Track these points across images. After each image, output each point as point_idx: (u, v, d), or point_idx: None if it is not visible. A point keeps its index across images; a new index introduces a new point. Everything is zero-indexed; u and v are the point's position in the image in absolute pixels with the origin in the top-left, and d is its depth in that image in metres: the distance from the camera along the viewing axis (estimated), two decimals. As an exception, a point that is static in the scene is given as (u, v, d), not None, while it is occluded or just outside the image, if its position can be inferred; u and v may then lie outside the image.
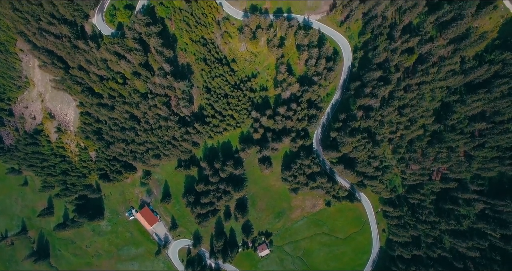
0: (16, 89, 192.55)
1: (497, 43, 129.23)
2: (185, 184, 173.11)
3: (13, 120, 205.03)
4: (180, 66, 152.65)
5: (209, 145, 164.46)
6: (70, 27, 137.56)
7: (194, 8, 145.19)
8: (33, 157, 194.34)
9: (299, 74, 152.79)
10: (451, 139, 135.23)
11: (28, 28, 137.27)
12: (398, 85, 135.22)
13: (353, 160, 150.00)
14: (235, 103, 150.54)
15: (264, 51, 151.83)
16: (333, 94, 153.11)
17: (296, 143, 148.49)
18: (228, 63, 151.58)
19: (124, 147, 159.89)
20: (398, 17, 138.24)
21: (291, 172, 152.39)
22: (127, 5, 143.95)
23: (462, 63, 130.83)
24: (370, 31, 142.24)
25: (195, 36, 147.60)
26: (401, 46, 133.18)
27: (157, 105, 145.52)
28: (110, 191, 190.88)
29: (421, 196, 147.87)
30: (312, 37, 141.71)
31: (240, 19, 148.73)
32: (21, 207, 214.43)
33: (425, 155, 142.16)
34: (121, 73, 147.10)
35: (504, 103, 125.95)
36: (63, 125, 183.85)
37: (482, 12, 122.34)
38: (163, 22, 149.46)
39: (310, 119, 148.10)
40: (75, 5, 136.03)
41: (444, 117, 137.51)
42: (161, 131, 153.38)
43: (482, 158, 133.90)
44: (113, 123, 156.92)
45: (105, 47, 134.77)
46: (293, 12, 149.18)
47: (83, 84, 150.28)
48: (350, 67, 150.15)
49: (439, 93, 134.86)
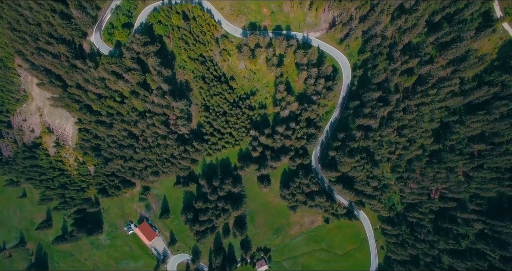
0: (15, 102, 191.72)
1: (496, 64, 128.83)
2: (184, 200, 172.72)
3: (12, 132, 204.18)
4: (179, 84, 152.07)
5: (208, 161, 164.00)
6: (68, 47, 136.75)
7: (192, 26, 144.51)
8: (32, 170, 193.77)
9: (298, 91, 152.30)
10: (450, 159, 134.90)
11: (26, 48, 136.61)
12: (397, 106, 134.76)
13: (352, 179, 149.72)
14: (233, 121, 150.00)
15: (263, 68, 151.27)
16: (332, 112, 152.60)
17: (295, 161, 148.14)
18: (227, 81, 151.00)
19: (123, 163, 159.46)
20: (398, 36, 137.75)
21: (289, 190, 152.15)
22: (125, 24, 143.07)
23: (461, 84, 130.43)
24: (369, 49, 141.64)
25: (194, 54, 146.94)
26: (401, 67, 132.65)
27: (155, 124, 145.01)
28: (109, 205, 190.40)
29: (419, 214, 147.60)
30: (311, 56, 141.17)
31: (239, 36, 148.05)
32: (19, 218, 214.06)
33: (424, 174, 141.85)
34: (119, 92, 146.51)
35: (503, 126, 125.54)
36: (62, 140, 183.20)
37: (481, 35, 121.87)
38: (161, 40, 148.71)
39: (309, 138, 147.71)
40: (73, 25, 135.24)
41: (443, 138, 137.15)
42: (160, 149, 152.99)
43: (481, 179, 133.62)
44: (111, 140, 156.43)
45: (103, 67, 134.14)
46: (292, 30, 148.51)
47: (81, 102, 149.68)
48: (350, 85, 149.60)
49: (438, 114, 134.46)
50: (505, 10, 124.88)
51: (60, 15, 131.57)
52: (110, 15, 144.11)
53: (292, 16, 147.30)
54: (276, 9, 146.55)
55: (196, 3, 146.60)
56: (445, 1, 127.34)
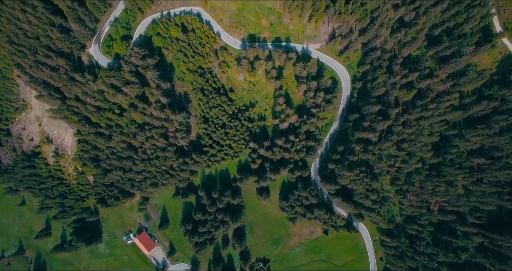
0: (14, 110, 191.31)
1: (495, 78, 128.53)
2: (183, 210, 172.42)
3: (11, 140, 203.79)
4: (178, 96, 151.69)
5: (207, 172, 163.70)
6: (66, 60, 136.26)
7: (191, 38, 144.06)
8: (31, 179, 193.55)
9: (297, 103, 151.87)
10: (449, 173, 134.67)
11: (24, 61, 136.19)
12: (396, 120, 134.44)
13: (351, 191, 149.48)
14: (233, 133, 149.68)
15: (262, 80, 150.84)
16: (331, 124, 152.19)
17: (294, 174, 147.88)
18: (226, 92, 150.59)
19: (122, 175, 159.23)
20: (398, 49, 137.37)
21: (288, 203, 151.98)
22: (123, 36, 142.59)
23: (461, 98, 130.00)
24: (369, 62, 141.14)
25: (193, 66, 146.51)
26: (400, 81, 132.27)
27: (154, 137, 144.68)
28: (108, 214, 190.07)
29: (419, 227, 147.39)
30: (310, 69, 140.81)
31: (238, 48, 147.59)
32: (18, 226, 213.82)
33: (423, 187, 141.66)
34: (117, 104, 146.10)
35: (503, 140, 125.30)
36: (61, 149, 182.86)
37: (481, 50, 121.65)
38: (160, 51, 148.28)
39: (308, 150, 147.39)
40: (71, 38, 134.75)
41: (443, 151, 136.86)
42: (159, 161, 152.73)
43: (480, 193, 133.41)
44: (110, 152, 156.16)
45: (101, 80, 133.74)
46: (292, 41, 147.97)
47: (80, 114, 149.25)
48: (349, 97, 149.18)
49: (438, 127, 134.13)
50: (504, 25, 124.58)
51: (58, 29, 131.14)
52: (108, 27, 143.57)
53: (291, 27, 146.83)
54: (275, 21, 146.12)
55: (195, 14, 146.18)
56: (444, 15, 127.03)
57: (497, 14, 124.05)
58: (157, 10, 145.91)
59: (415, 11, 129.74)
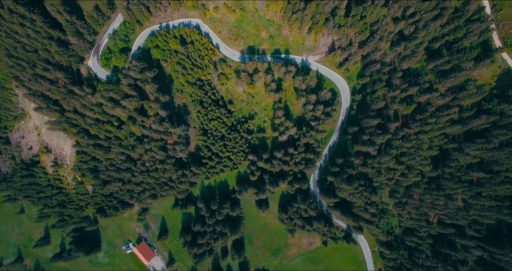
0: (12, 119, 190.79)
1: (495, 92, 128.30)
2: (182, 220, 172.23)
3: (10, 148, 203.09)
4: (177, 107, 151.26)
5: (206, 183, 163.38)
6: (65, 73, 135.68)
7: (190, 50, 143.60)
8: (29, 188, 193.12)
9: (296, 115, 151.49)
10: (448, 186, 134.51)
11: (23, 74, 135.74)
12: (396, 134, 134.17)
13: (350, 203, 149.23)
14: (232, 146, 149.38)
15: (261, 92, 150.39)
16: (331, 135, 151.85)
17: (293, 186, 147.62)
18: (225, 104, 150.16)
19: (121, 186, 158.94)
20: (398, 62, 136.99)
21: (287, 215, 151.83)
22: (122, 48, 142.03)
23: (460, 112, 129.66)
24: (369, 74, 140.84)
25: (191, 78, 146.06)
26: (400, 95, 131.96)
27: (153, 150, 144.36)
28: (107, 224, 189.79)
29: (418, 239, 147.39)
30: (310, 82, 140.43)
31: (237, 60, 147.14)
32: (17, 234, 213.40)
33: (423, 200, 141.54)
34: (116, 116, 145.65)
35: (502, 155, 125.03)
36: (60, 159, 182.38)
37: (480, 65, 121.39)
38: (159, 63, 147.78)
39: (307, 163, 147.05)
40: (70, 51, 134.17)
41: (442, 165, 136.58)
42: (158, 174, 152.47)
43: (479, 206, 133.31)
44: (109, 163, 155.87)
45: (100, 94, 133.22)
46: (291, 53, 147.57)
47: (78, 126, 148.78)
48: (349, 109, 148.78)
49: (437, 141, 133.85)
50: (503, 39, 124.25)
51: (57, 42, 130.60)
52: (107, 39, 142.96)
53: (291, 39, 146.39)
54: (275, 33, 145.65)
55: (194, 26, 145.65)
56: (444, 29, 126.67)
57: (496, 29, 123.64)
58: (155, 22, 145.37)
59: (414, 24, 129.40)
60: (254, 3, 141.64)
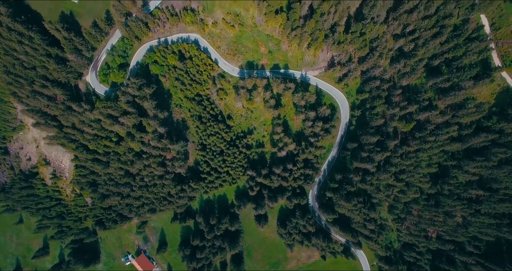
0: (11, 130, 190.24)
1: (494, 110, 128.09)
2: (181, 233, 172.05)
3: (8, 158, 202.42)
4: (175, 122, 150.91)
5: (205, 197, 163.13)
6: (63, 89, 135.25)
7: (189, 65, 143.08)
8: (28, 199, 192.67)
9: (296, 130, 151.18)
10: (447, 203, 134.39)
11: (21, 91, 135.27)
12: (395, 152, 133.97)
13: (349, 218, 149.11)
14: (230, 161, 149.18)
15: (260, 107, 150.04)
16: (330, 150, 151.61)
17: (292, 202, 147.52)
18: (224, 119, 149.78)
19: (120, 200, 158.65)
20: (397, 78, 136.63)
21: (286, 230, 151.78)
22: (120, 64, 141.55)
23: (459, 129, 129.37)
24: (368, 90, 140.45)
25: (190, 94, 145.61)
26: (399, 113, 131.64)
27: (152, 166, 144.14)
28: (106, 235, 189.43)
29: (417, 254, 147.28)
30: (309, 99, 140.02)
31: (236, 76, 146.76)
32: (15, 244, 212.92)
33: (421, 217, 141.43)
34: (115, 132, 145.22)
35: (501, 173, 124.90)
36: (58, 171, 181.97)
37: (480, 83, 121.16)
38: (157, 78, 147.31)
39: (306, 179, 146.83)
40: (68, 68, 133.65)
41: (441, 181, 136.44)
42: (157, 189, 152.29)
43: (479, 224, 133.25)
44: (108, 178, 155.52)
45: (98, 111, 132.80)
46: (290, 68, 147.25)
47: (77, 141, 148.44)
48: (348, 124, 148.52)
49: (436, 159, 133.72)
50: (502, 58, 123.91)
51: (55, 60, 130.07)
52: (105, 55, 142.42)
53: (290, 54, 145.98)
54: (274, 48, 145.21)
55: (192, 41, 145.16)
56: (444, 47, 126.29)
57: (495, 47, 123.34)
58: (154, 37, 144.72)
59: (414, 42, 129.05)
60: (253, 18, 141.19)
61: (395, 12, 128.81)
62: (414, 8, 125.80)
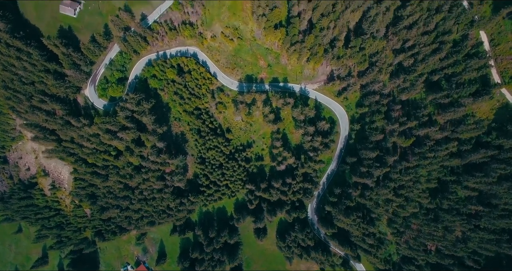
0: (10, 140, 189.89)
1: (494, 126, 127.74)
2: (180, 245, 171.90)
3: (7, 167, 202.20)
4: (174, 136, 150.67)
5: (204, 209, 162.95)
6: (62, 104, 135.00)
7: (187, 79, 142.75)
8: (27, 210, 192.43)
9: (295, 143, 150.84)
10: (446, 218, 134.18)
11: (20, 106, 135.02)
12: (394, 167, 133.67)
13: (348, 232, 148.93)
14: (230, 174, 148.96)
15: (259, 120, 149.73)
16: (329, 164, 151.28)
17: (291, 215, 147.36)
18: (223, 133, 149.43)
19: (119, 213, 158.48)
20: (397, 92, 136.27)
21: (285, 243, 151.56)
22: (119, 79, 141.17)
23: (459, 145, 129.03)
24: (367, 104, 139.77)
25: (189, 108, 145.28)
26: (399, 128, 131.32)
27: (151, 180, 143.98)
28: (105, 246, 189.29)
29: (416, 268, 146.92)
30: (308, 113, 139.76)
31: (235, 89, 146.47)
32: (14, 253, 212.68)
33: (421, 231, 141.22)
34: (114, 146, 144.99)
35: (501, 190, 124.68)
36: (57, 182, 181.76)
37: (479, 100, 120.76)
38: (156, 92, 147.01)
39: (305, 192, 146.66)
40: (66, 83, 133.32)
41: (441, 196, 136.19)
42: (156, 202, 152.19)
43: (478, 239, 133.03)
44: (107, 191, 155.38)
45: (97, 126, 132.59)
46: (290, 82, 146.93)
47: (76, 154, 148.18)
48: (347, 138, 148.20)
49: (436, 174, 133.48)
50: (501, 74, 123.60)
51: (53, 75, 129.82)
52: (104, 69, 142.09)
53: (289, 68, 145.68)
54: (273, 62, 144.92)
55: (191, 54, 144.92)
56: (443, 63, 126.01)
57: (495, 63, 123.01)
58: (153, 50, 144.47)
59: (413, 57, 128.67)
60: (252, 32, 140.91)
61: (394, 27, 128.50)
62: (413, 23, 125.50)
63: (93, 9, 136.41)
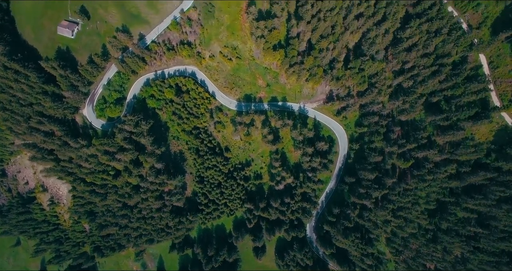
0: (9, 154, 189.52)
1: (493, 148, 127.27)
2: (179, 261, 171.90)
3: (6, 181, 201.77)
4: (173, 155, 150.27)
5: (203, 227, 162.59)
6: (60, 125, 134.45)
7: (186, 99, 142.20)
8: (25, 224, 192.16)
9: (294, 161, 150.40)
10: (445, 240, 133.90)
11: (17, 128, 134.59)
12: (393, 189, 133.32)
13: (347, 251, 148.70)
14: (228, 193, 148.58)
15: (258, 139, 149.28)
16: (328, 183, 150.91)
17: (290, 234, 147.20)
18: (221, 152, 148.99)
19: (118, 230, 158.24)
20: (396, 113, 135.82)
21: (284, 262, 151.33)
22: (117, 99, 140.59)
23: (458, 166, 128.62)
24: (367, 124, 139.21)
25: (187, 127, 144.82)
26: (397, 151, 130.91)
27: (149, 200, 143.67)
28: (104, 260, 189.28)
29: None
30: (307, 134, 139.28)
31: (233, 109, 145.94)
32: (12, 266, 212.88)
33: (419, 251, 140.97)
34: (112, 166, 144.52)
35: (500, 212, 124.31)
36: (56, 198, 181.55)
37: (478, 123, 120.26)
38: (154, 111, 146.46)
39: (303, 211, 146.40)
40: (64, 104, 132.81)
41: (440, 217, 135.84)
42: (154, 221, 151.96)
43: (477, 261, 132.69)
44: (106, 209, 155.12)
45: (95, 148, 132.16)
46: (289, 101, 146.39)
47: (74, 174, 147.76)
48: (346, 157, 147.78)
49: (434, 196, 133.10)
50: (500, 96, 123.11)
51: (51, 97, 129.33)
52: (102, 89, 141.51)
53: (288, 87, 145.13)
54: (271, 81, 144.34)
55: (190, 73, 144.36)
56: (443, 85, 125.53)
57: (494, 86, 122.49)
58: (151, 70, 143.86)
59: (413, 79, 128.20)
60: (250, 51, 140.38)
61: (394, 49, 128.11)
62: (413, 46, 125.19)
63: (90, 30, 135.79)
